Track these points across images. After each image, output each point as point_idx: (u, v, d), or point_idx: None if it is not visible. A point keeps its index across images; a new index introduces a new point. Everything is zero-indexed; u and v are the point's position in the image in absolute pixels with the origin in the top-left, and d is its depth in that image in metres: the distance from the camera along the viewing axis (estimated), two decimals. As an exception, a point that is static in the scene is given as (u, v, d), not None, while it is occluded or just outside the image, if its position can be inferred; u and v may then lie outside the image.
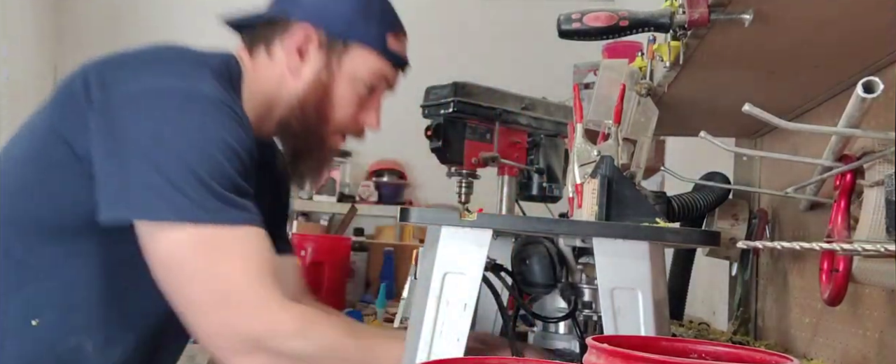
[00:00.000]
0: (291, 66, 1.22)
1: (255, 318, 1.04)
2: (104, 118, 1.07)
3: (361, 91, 1.25)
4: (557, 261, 1.13)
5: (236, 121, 1.09)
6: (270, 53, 1.23)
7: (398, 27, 1.28)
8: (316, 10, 1.24)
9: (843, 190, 0.98)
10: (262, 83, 1.23)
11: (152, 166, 1.04)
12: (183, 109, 1.07)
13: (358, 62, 1.23)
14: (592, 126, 1.19)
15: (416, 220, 1.00)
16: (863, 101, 0.79)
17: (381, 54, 1.24)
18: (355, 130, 1.29)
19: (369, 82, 1.25)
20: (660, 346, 0.71)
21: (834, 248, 0.85)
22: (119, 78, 1.11)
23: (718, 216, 1.64)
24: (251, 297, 1.04)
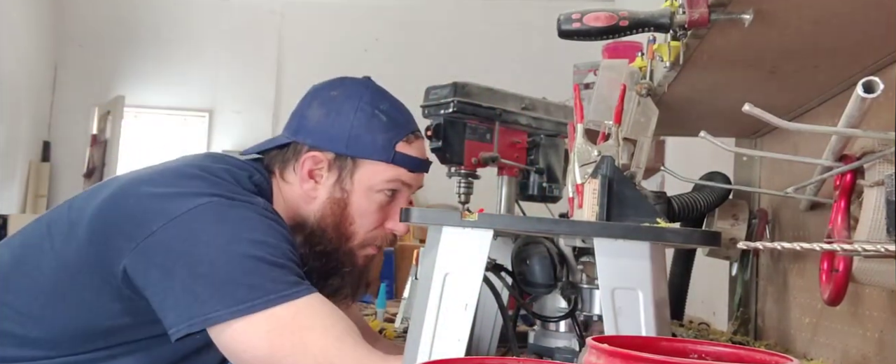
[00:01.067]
0: (306, 190, 1.26)
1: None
2: (160, 243, 1.10)
3: (381, 200, 1.27)
4: (558, 261, 1.13)
5: (284, 225, 1.15)
6: (286, 178, 1.28)
7: (409, 130, 1.29)
8: (321, 132, 1.27)
9: (843, 190, 0.98)
10: (285, 202, 1.27)
11: (208, 270, 1.06)
12: (235, 214, 1.11)
13: (369, 175, 1.25)
14: (593, 126, 1.19)
15: (418, 220, 1.00)
16: (863, 101, 0.79)
17: (392, 164, 1.26)
18: (383, 238, 1.31)
19: (386, 190, 1.27)
20: (659, 346, 0.71)
21: (834, 249, 0.85)
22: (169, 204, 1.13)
23: (718, 216, 1.64)
24: (351, 356, 1.05)
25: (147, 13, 5.83)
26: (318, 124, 1.27)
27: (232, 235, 1.09)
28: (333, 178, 1.25)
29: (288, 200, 1.28)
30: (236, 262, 1.07)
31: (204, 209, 1.10)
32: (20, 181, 5.39)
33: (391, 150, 1.26)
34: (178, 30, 5.80)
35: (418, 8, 5.32)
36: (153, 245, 1.09)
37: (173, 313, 1.07)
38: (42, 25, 5.54)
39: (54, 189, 5.64)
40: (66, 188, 5.61)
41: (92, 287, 1.14)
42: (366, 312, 2.58)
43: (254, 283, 1.06)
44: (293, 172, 1.28)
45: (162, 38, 5.80)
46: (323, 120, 1.27)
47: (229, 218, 1.11)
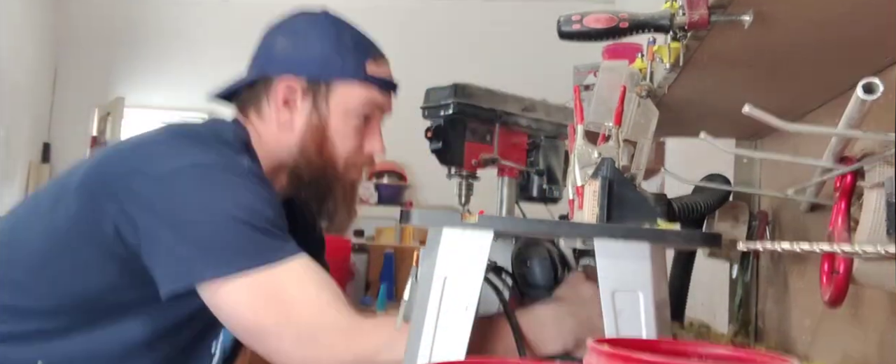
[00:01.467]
0: (282, 121, 1.27)
1: (348, 344, 1.06)
2: (144, 203, 1.11)
3: (357, 122, 1.29)
4: (559, 262, 1.13)
5: (268, 187, 1.15)
6: (261, 114, 1.29)
7: (375, 52, 1.32)
8: (290, 60, 1.28)
9: (843, 192, 0.98)
10: (264, 144, 1.28)
11: (196, 231, 1.08)
12: (220, 178, 1.12)
13: (344, 97, 1.27)
14: (593, 128, 1.19)
15: (417, 221, 1.00)
16: (863, 102, 0.79)
17: (364, 83, 1.28)
18: (364, 160, 1.32)
19: (362, 112, 1.28)
20: (660, 348, 0.71)
21: (834, 251, 0.85)
22: (151, 164, 1.14)
23: (719, 218, 1.64)
24: (335, 326, 1.07)
25: (147, 13, 5.83)
26: (286, 53, 1.28)
27: (216, 198, 1.09)
28: (309, 105, 1.25)
29: (265, 138, 1.27)
30: (220, 225, 1.07)
31: (190, 171, 1.11)
32: (20, 181, 5.39)
33: (362, 70, 1.27)
34: (178, 30, 5.80)
35: (418, 9, 5.33)
36: (139, 204, 1.10)
37: (161, 271, 1.08)
38: (42, 26, 5.54)
39: (54, 190, 5.64)
40: (66, 189, 5.62)
41: (87, 250, 1.14)
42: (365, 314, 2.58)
43: (237, 245, 1.06)
44: (268, 105, 1.28)
45: (162, 39, 5.80)
46: (290, 49, 1.28)
47: (215, 181, 1.11)
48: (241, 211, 1.08)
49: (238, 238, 1.07)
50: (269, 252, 1.07)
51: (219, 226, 1.07)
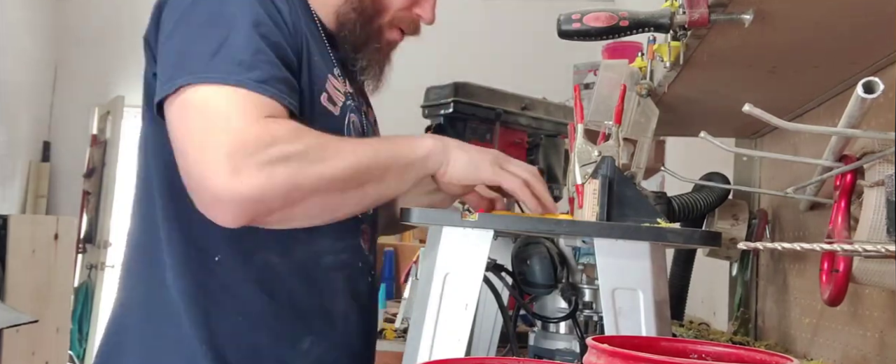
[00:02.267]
0: None
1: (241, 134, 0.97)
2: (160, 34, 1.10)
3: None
4: (558, 261, 1.13)
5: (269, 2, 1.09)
6: None
7: None
8: None
9: (843, 190, 0.98)
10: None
11: (174, 47, 1.05)
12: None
13: None
14: (593, 126, 1.19)
15: (418, 220, 1.00)
16: (863, 101, 0.79)
17: None
18: (410, 23, 1.29)
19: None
20: (660, 346, 0.71)
21: (834, 249, 0.85)
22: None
23: (718, 216, 1.64)
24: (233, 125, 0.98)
25: (147, 13, 5.82)
26: None
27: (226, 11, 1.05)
28: None
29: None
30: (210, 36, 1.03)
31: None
32: (20, 181, 5.39)
33: None
34: (178, 30, 5.81)
35: (418, 8, 5.33)
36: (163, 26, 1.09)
37: None
38: (42, 25, 5.54)
39: (54, 189, 5.64)
40: (66, 188, 5.61)
41: None
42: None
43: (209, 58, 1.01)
44: None
45: (162, 39, 5.81)
46: None
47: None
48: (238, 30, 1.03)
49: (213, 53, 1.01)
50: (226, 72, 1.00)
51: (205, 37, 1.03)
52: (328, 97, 1.14)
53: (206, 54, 1.01)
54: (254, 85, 0.99)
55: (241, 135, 0.95)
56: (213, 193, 0.96)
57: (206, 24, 1.04)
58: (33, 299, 3.49)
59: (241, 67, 1.00)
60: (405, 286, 2.32)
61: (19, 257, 3.39)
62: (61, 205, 5.60)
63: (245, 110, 0.98)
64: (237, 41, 1.02)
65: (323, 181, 1.00)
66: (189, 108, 1.00)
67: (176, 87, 1.00)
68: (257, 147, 0.95)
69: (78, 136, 5.67)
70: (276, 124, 0.99)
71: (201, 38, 1.03)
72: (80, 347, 5.02)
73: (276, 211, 0.99)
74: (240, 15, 1.05)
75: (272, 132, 0.97)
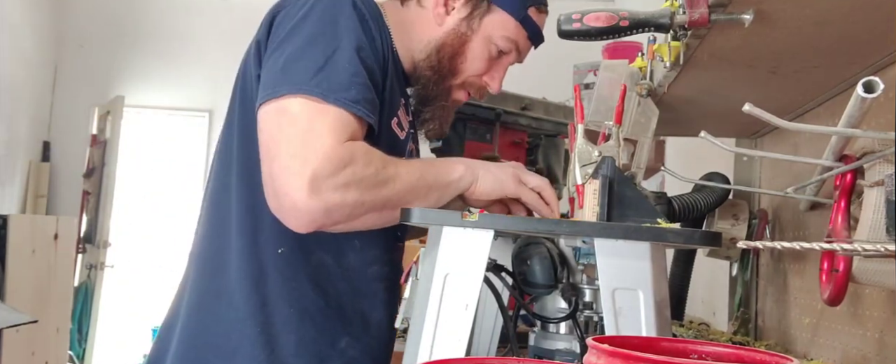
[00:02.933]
0: (437, 14, 1.30)
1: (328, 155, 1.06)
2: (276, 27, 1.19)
3: (493, 52, 1.32)
4: (558, 261, 1.13)
5: (369, 31, 1.19)
6: (421, 2, 1.32)
7: (542, 4, 1.35)
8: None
9: (843, 190, 0.98)
10: (406, 24, 1.32)
11: (283, 56, 1.13)
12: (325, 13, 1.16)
13: (496, 24, 1.30)
14: (593, 126, 1.19)
15: (418, 220, 1.00)
16: (863, 101, 0.79)
17: (519, 23, 1.31)
18: (478, 88, 1.35)
19: (502, 46, 1.32)
20: (660, 346, 0.71)
21: (834, 249, 0.85)
22: None
23: (719, 216, 1.65)
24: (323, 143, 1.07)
25: (147, 13, 5.83)
26: None
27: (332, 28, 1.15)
28: (465, 13, 1.29)
29: (414, 21, 1.32)
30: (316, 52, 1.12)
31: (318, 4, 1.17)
32: (20, 181, 5.39)
33: (524, 10, 1.31)
34: (178, 30, 5.80)
35: (418, 8, 5.34)
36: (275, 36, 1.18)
37: None
38: (42, 25, 5.54)
39: (54, 189, 5.64)
40: (66, 188, 5.61)
41: None
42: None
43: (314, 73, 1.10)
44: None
45: (162, 39, 5.80)
46: None
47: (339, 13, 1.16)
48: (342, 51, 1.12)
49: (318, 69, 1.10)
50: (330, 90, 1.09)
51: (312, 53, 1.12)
52: (398, 122, 1.24)
53: (312, 68, 1.10)
54: (348, 104, 1.09)
55: (327, 155, 1.05)
56: (291, 203, 1.06)
57: (316, 39, 1.13)
58: (33, 299, 3.49)
59: (340, 86, 1.10)
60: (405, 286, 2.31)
61: (19, 257, 3.39)
62: (61, 205, 5.60)
63: (335, 130, 1.07)
64: (341, 60, 1.12)
65: (381, 201, 1.10)
66: (286, 116, 1.09)
67: (279, 94, 1.09)
68: (337, 168, 1.05)
69: (78, 136, 5.67)
70: (357, 147, 1.09)
71: (310, 51, 1.12)
72: (80, 347, 5.02)
73: (340, 223, 1.10)
74: (346, 35, 1.15)
75: (353, 154, 1.07)
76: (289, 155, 1.06)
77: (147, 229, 5.72)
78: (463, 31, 1.30)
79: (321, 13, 1.16)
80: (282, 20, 1.18)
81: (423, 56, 1.30)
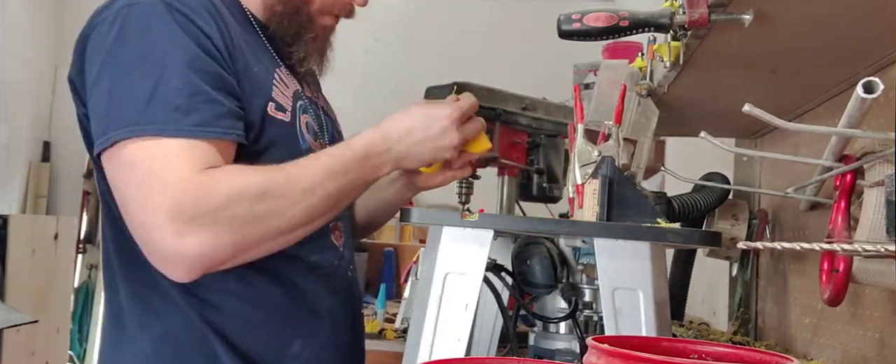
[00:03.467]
0: None
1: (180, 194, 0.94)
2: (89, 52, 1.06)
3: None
4: (558, 261, 1.13)
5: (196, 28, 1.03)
6: None
7: None
8: None
9: (843, 190, 0.98)
10: None
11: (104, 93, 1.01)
12: (138, 30, 1.02)
13: None
14: (593, 126, 1.19)
15: (418, 220, 1.00)
16: (863, 101, 0.79)
17: None
18: (342, 7, 1.25)
19: None
20: (660, 346, 0.71)
21: (834, 249, 0.85)
22: None
23: (718, 216, 1.64)
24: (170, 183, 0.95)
25: (147, 13, 5.83)
26: None
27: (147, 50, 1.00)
28: None
29: None
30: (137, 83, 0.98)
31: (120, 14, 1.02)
32: (20, 181, 5.39)
33: None
34: (178, 30, 5.80)
35: (418, 8, 5.33)
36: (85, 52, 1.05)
37: None
38: (42, 25, 5.54)
39: (54, 189, 5.63)
40: (66, 188, 5.61)
41: None
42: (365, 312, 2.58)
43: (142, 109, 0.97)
44: None
45: (162, 39, 5.80)
46: None
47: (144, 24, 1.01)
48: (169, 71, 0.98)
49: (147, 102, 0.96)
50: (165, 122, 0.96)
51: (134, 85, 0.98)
52: (276, 105, 1.11)
53: (139, 101, 0.97)
54: (193, 131, 0.97)
55: (179, 195, 0.94)
56: (160, 255, 0.97)
57: (136, 65, 0.99)
58: (33, 299, 3.49)
59: (177, 113, 0.97)
60: (405, 286, 2.32)
61: (19, 257, 3.39)
62: (61, 205, 5.60)
63: (182, 165, 0.95)
64: (171, 82, 0.98)
65: (271, 230, 0.99)
66: (126, 166, 0.97)
67: (112, 142, 0.98)
68: (198, 207, 0.94)
69: (78, 136, 5.64)
70: (218, 175, 0.96)
71: (132, 81, 0.99)
72: (80, 347, 5.02)
73: (228, 261, 0.99)
74: (170, 52, 1.00)
75: (214, 186, 0.95)
76: (140, 208, 0.96)
77: (147, 229, 5.70)
78: None
79: (133, 32, 1.01)
80: (94, 48, 1.04)
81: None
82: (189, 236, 0.94)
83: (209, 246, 0.95)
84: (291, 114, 1.14)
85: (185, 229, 0.94)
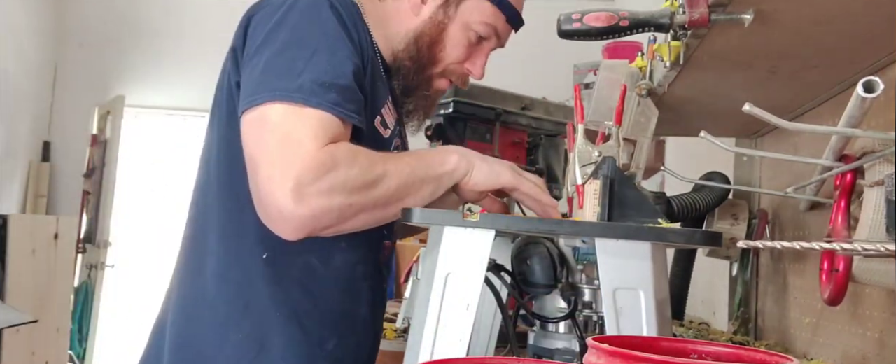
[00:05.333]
0: (413, 5, 1.29)
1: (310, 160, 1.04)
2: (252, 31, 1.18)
3: (472, 38, 1.31)
4: (558, 261, 1.13)
5: (348, 30, 1.16)
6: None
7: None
8: None
9: (843, 190, 0.98)
10: (384, 18, 1.31)
11: (261, 61, 1.12)
12: (302, 15, 1.15)
13: (473, 10, 1.29)
14: (593, 126, 1.19)
15: (419, 220, 1.00)
16: (863, 100, 0.79)
17: (496, 6, 1.30)
18: (460, 76, 1.34)
19: (480, 32, 1.31)
20: (660, 346, 0.71)
21: (834, 248, 0.85)
22: None
23: (718, 216, 1.65)
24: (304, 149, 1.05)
25: (147, 13, 5.83)
26: None
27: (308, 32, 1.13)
28: (441, 1, 1.28)
29: (390, 13, 1.30)
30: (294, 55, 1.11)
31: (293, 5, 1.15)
32: (20, 181, 5.39)
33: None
34: (179, 30, 5.80)
35: (418, 8, 5.34)
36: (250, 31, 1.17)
37: None
38: (42, 25, 5.54)
39: (54, 189, 5.64)
40: (66, 188, 5.61)
41: None
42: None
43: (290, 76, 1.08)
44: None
45: (162, 39, 5.80)
46: None
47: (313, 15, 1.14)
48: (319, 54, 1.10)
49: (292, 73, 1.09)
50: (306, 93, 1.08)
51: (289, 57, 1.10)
52: (381, 120, 1.22)
53: (291, 72, 1.09)
54: (330, 107, 1.08)
55: (309, 160, 1.04)
56: (278, 211, 1.05)
57: (294, 42, 1.12)
58: (33, 299, 3.49)
59: (322, 88, 1.08)
60: (405, 286, 2.32)
61: (19, 257, 3.39)
62: (61, 205, 5.60)
63: (317, 135, 1.06)
64: (320, 62, 1.10)
65: (371, 201, 1.09)
66: (267, 124, 1.07)
67: (259, 102, 1.08)
68: (320, 173, 1.04)
69: (78, 136, 5.67)
70: (339, 149, 1.07)
71: (288, 54, 1.11)
72: (80, 347, 5.02)
73: (331, 227, 1.09)
74: (324, 36, 1.13)
75: (335, 158, 1.06)
76: (270, 164, 1.06)
77: (147, 229, 5.71)
78: (440, 18, 1.28)
79: (298, 15, 1.14)
80: (257, 24, 1.17)
81: (401, 47, 1.29)
82: (307, 199, 1.04)
83: (321, 208, 1.05)
84: (390, 133, 1.25)
85: (307, 192, 1.04)
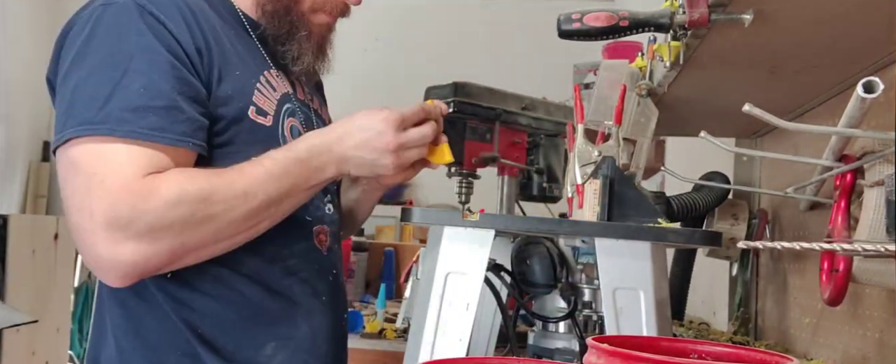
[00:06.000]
0: None
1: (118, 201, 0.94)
2: None
3: None
4: (558, 261, 1.13)
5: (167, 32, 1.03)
6: None
7: None
8: None
9: (843, 190, 0.98)
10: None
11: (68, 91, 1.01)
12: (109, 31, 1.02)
13: None
14: (593, 126, 1.19)
15: (419, 220, 1.01)
16: (863, 101, 0.79)
17: None
18: (334, 6, 1.22)
19: None
20: (660, 346, 0.71)
21: (834, 249, 0.85)
22: None
23: (718, 216, 1.65)
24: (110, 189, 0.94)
25: (147, 13, 5.83)
26: None
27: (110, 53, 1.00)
28: None
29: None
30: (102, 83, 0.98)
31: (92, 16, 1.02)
32: (20, 181, 5.39)
33: None
34: (178, 30, 5.80)
35: (418, 8, 5.33)
36: None
37: None
38: (42, 25, 5.54)
39: (54, 189, 5.63)
40: (66, 188, 5.61)
41: None
42: (366, 312, 2.58)
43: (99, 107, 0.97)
44: None
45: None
46: None
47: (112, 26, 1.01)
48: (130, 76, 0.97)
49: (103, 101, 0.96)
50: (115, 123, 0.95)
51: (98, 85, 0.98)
52: (257, 109, 1.10)
53: (98, 100, 0.97)
54: (145, 134, 0.96)
55: (116, 200, 0.93)
56: (95, 260, 0.96)
57: (101, 65, 0.99)
58: (33, 299, 3.49)
59: (134, 115, 0.96)
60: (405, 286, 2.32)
61: (19, 257, 3.38)
62: (61, 205, 5.60)
63: (125, 170, 0.95)
64: (132, 85, 0.98)
65: (210, 235, 0.99)
66: (72, 165, 0.97)
67: (65, 139, 0.97)
68: (133, 213, 0.93)
69: (78, 136, 5.66)
70: (158, 181, 0.95)
71: (95, 81, 0.99)
72: (81, 347, 5.02)
73: (165, 267, 0.99)
74: (136, 54, 1.00)
75: (152, 193, 0.94)
76: (78, 210, 0.95)
77: (147, 229, 5.70)
78: None
79: (105, 31, 1.01)
80: (67, 49, 1.04)
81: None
82: (124, 244, 0.94)
83: (143, 253, 0.95)
84: (274, 118, 1.13)
85: (121, 236, 0.93)
